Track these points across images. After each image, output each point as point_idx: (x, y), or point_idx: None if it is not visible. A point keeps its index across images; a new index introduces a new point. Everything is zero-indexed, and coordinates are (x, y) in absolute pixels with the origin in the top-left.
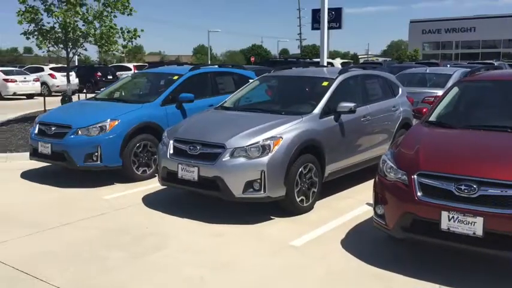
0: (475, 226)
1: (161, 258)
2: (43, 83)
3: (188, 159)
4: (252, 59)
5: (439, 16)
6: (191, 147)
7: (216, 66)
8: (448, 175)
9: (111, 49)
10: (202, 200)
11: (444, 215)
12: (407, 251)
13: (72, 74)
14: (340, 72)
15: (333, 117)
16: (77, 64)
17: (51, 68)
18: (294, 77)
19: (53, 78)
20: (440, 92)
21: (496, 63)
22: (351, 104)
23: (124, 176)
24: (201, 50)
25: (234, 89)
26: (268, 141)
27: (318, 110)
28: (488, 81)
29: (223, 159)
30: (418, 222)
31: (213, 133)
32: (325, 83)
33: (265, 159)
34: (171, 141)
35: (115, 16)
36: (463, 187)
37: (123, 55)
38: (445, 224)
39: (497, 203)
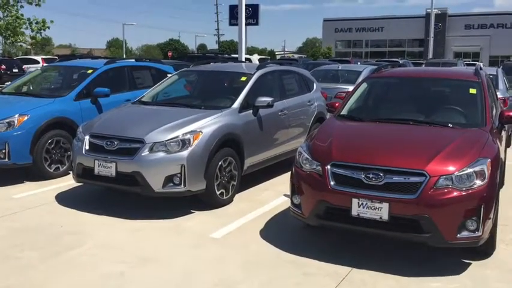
0: (382, 211)
1: (78, 256)
2: None
3: (105, 154)
4: (170, 53)
5: (351, 15)
6: (108, 143)
7: (133, 60)
8: (358, 165)
9: (18, 40)
10: (119, 196)
11: (354, 202)
12: (323, 238)
13: None
14: (258, 68)
15: (251, 111)
16: None
17: None
18: (213, 72)
19: None
20: (351, 88)
21: (401, 61)
22: (269, 99)
23: (35, 173)
24: (115, 44)
25: (152, 84)
26: (188, 136)
27: (236, 104)
28: (394, 77)
29: (142, 154)
30: (331, 210)
31: (131, 128)
32: (243, 78)
33: (185, 153)
34: (87, 137)
35: (22, 6)
36: (371, 175)
37: (30, 47)
38: (355, 210)
39: (401, 190)
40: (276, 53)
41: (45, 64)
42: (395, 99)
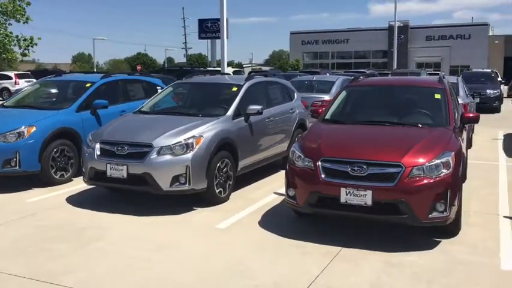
0: (366, 198)
1: (105, 246)
2: None
3: (116, 158)
4: (139, 67)
5: (317, 27)
6: (119, 148)
7: (126, 74)
8: (345, 159)
9: (9, 57)
10: (125, 197)
11: (343, 191)
12: (315, 224)
13: None
14: (247, 79)
15: (243, 118)
16: None
17: None
18: (206, 84)
19: None
20: (326, 97)
21: (367, 72)
22: (259, 107)
23: (42, 180)
24: (81, 58)
25: (144, 95)
26: (191, 140)
27: (230, 112)
28: (370, 86)
29: (151, 157)
30: (322, 199)
31: (139, 134)
32: (234, 89)
33: (189, 155)
34: (97, 144)
35: (10, 24)
36: (356, 168)
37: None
38: (343, 198)
39: (382, 179)
40: (244, 66)
41: (18, 79)
42: (372, 105)
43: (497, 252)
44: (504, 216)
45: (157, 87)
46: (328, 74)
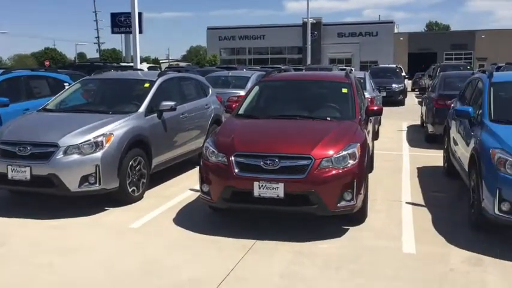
0: (278, 190)
1: (6, 253)
2: None
3: (19, 160)
4: (47, 63)
5: (234, 23)
6: (21, 148)
7: (29, 70)
8: (257, 154)
9: None
10: (30, 199)
11: (256, 184)
12: (229, 220)
13: None
14: (159, 75)
15: (156, 115)
16: None
17: None
18: (117, 80)
19: None
20: (241, 92)
21: (283, 67)
22: (172, 103)
23: None
24: None
25: (49, 93)
26: (101, 138)
27: (142, 108)
28: (281, 81)
29: (57, 157)
30: (236, 193)
31: (43, 133)
32: (146, 85)
33: (99, 154)
34: None
35: None
36: (268, 162)
37: None
38: (257, 192)
39: (293, 171)
40: (161, 61)
41: None
42: (283, 99)
43: (400, 236)
44: (406, 203)
45: (65, 84)
46: (244, 70)
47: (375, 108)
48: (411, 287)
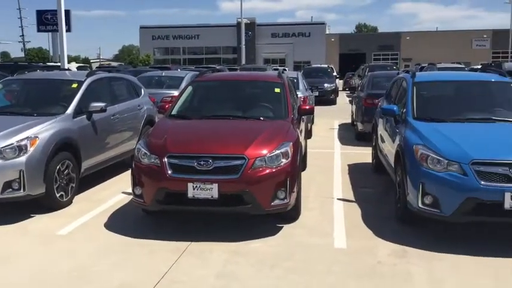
0: (212, 191)
1: None
2: None
3: None
4: None
5: (167, 22)
6: None
7: None
8: (191, 154)
9: None
10: None
11: (190, 186)
12: (163, 222)
13: None
14: (88, 75)
15: (85, 116)
16: None
17: None
18: (43, 80)
19: None
20: (175, 92)
21: (217, 67)
22: (102, 104)
23: None
24: None
25: None
26: (24, 142)
27: (70, 110)
28: (215, 81)
29: None
30: (170, 195)
31: None
32: (74, 85)
33: (22, 158)
34: None
35: None
36: (202, 162)
37: None
38: (191, 193)
39: (227, 172)
40: (92, 61)
41: None
42: (217, 99)
43: (332, 232)
44: (338, 199)
45: None
46: (179, 70)
47: (307, 107)
48: (342, 281)
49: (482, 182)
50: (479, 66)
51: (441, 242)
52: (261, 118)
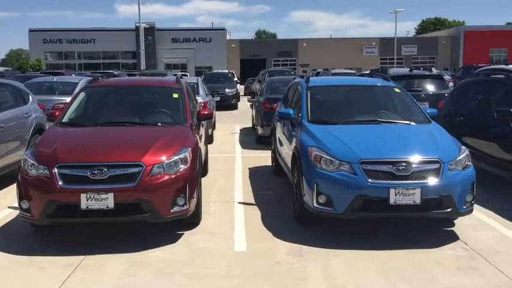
0: (108, 201)
1: None
2: None
3: None
4: None
5: (60, 25)
6: None
7: None
8: (83, 164)
9: None
10: None
11: (83, 196)
12: (55, 236)
13: None
14: None
15: None
16: None
17: None
18: None
19: None
20: (68, 99)
21: (116, 72)
22: None
23: None
24: None
25: None
26: None
27: None
28: (110, 86)
29: None
30: (61, 208)
31: None
32: None
33: None
34: None
35: None
36: (96, 171)
37: None
38: (84, 204)
39: (123, 180)
40: None
41: None
42: (112, 105)
43: (232, 236)
44: (238, 203)
45: None
46: (73, 75)
47: (206, 112)
48: (241, 283)
49: (370, 180)
50: (368, 72)
51: (336, 239)
52: (159, 124)
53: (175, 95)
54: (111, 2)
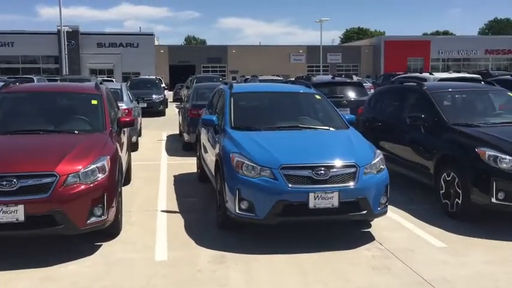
0: (18, 213)
1: None
2: None
3: None
4: None
5: None
6: None
7: None
8: None
9: None
10: None
11: None
12: None
13: None
14: None
15: None
16: None
17: None
18: None
19: None
20: None
21: (35, 78)
22: None
23: None
24: None
25: None
26: None
27: None
28: (23, 92)
29: None
30: None
31: None
32: None
33: None
34: None
35: None
36: (4, 183)
37: None
38: None
39: (35, 191)
40: None
41: None
42: (25, 112)
43: (153, 245)
44: (161, 211)
45: None
46: None
47: (127, 119)
48: None
49: (290, 185)
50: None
51: (258, 244)
52: (76, 132)
53: (94, 102)
54: (32, 4)
